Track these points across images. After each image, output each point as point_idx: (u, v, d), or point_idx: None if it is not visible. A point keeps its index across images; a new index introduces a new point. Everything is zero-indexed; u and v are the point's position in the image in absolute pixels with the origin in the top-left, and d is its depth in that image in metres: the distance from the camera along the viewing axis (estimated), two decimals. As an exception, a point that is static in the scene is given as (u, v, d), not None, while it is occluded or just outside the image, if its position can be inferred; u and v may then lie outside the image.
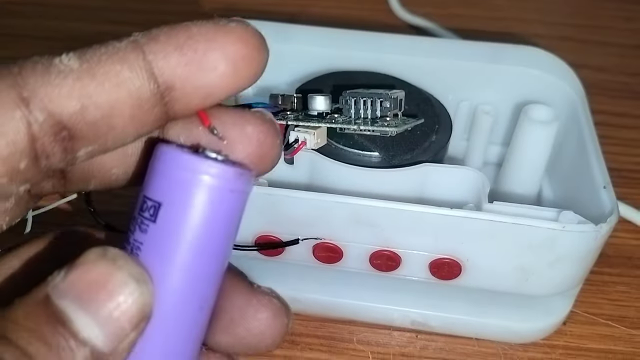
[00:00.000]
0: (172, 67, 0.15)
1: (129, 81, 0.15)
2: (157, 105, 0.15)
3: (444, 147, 0.30)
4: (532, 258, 0.26)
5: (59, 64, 0.15)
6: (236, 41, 0.15)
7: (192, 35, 0.15)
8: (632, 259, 0.34)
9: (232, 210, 0.16)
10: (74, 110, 0.14)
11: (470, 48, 0.34)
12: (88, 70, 0.15)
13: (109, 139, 0.15)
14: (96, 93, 0.15)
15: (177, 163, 0.16)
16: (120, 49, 0.15)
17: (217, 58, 0.15)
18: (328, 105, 0.28)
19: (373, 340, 0.30)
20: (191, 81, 0.15)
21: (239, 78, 0.16)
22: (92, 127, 0.15)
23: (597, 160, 0.28)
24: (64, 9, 0.52)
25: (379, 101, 0.27)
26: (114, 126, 0.15)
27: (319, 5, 0.54)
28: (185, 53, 0.15)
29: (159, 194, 0.16)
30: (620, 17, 0.54)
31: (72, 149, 0.15)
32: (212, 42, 0.15)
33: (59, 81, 0.14)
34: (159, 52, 0.15)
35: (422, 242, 0.26)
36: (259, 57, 0.16)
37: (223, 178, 0.16)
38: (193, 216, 0.15)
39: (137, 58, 0.15)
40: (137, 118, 0.15)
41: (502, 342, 0.30)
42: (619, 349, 0.30)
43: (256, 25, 0.37)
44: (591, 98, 0.33)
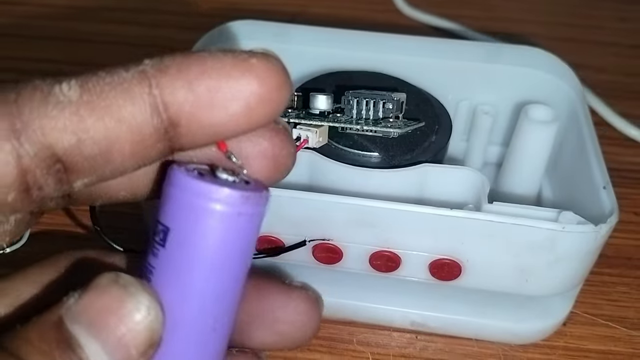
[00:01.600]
0: (180, 104, 0.14)
1: (131, 117, 0.14)
2: (160, 141, 0.15)
3: (443, 148, 0.29)
4: (531, 259, 0.26)
5: (59, 93, 0.14)
6: (253, 81, 0.14)
7: (205, 70, 0.14)
8: (632, 259, 0.34)
9: (242, 233, 0.16)
10: (69, 145, 0.14)
11: (469, 48, 0.34)
12: (88, 103, 0.14)
13: (106, 172, 0.15)
14: (94, 128, 0.14)
15: (185, 187, 0.15)
16: (126, 80, 0.14)
17: (229, 98, 0.14)
18: (330, 104, 0.28)
19: (373, 341, 0.30)
20: (199, 120, 0.14)
21: (252, 119, 0.15)
22: (88, 162, 0.14)
23: (596, 160, 0.28)
24: (62, 9, 0.52)
25: (381, 102, 0.27)
26: (112, 161, 0.14)
27: (319, 5, 0.54)
28: (195, 90, 0.14)
29: (168, 218, 0.16)
30: (618, 17, 0.54)
31: (67, 180, 0.14)
32: (227, 79, 0.14)
33: (56, 113, 0.14)
34: (167, 86, 0.14)
35: (422, 242, 0.26)
36: (278, 97, 0.15)
37: (231, 204, 0.15)
38: (201, 242, 0.15)
39: (142, 92, 0.14)
40: (137, 154, 0.15)
41: (502, 343, 0.30)
42: (619, 349, 0.30)
43: (256, 26, 0.38)
44: (591, 98, 0.33)
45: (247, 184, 0.16)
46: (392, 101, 0.27)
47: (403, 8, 0.53)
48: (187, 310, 0.16)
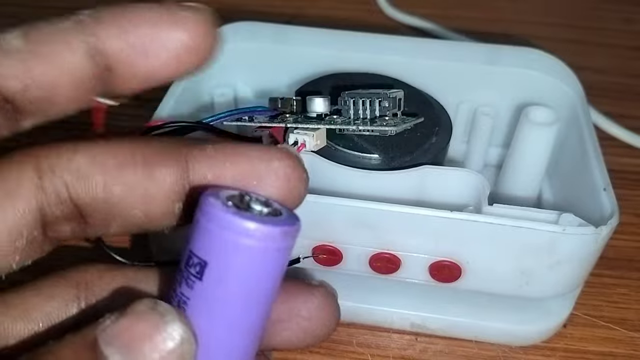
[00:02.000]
0: (113, 51, 0.15)
1: (71, 63, 0.15)
2: (97, 84, 0.16)
3: (443, 149, 0.29)
4: (532, 261, 0.26)
5: (3, 42, 0.15)
6: (181, 31, 0.15)
7: (138, 20, 0.15)
8: (632, 261, 0.34)
9: (277, 266, 0.16)
10: (16, 89, 0.15)
11: (470, 50, 0.34)
12: (31, 50, 0.15)
13: (51, 112, 0.16)
14: (38, 74, 0.15)
15: (220, 222, 0.15)
16: (64, 29, 0.15)
17: (158, 47, 0.15)
18: (327, 107, 0.28)
19: (373, 343, 0.30)
20: (130, 66, 0.16)
21: (181, 66, 0.16)
22: (34, 103, 0.15)
23: (597, 162, 0.28)
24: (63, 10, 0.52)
25: (377, 101, 0.27)
26: (55, 102, 0.16)
27: (318, 6, 0.54)
28: (127, 39, 0.15)
29: (204, 252, 0.16)
30: (620, 19, 0.54)
31: (14, 117, 0.15)
32: (158, 30, 0.15)
33: (3, 60, 0.15)
34: (101, 34, 0.15)
35: (421, 244, 0.26)
36: (205, 46, 0.16)
37: (269, 240, 0.15)
38: (239, 278, 0.15)
39: (79, 39, 0.15)
40: (77, 95, 0.16)
41: (502, 345, 0.30)
42: (620, 351, 0.30)
43: (255, 27, 0.38)
44: (591, 100, 0.33)
45: (280, 214, 0.16)
46: (388, 99, 0.27)
47: (395, 10, 0.53)
48: (220, 342, 0.16)
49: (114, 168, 0.16)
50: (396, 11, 0.53)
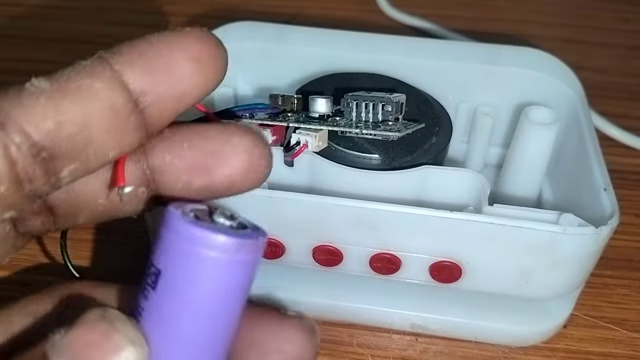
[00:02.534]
0: (140, 74, 0.15)
1: (101, 92, 0.15)
2: (132, 114, 0.15)
3: (444, 149, 0.29)
4: (532, 261, 0.26)
5: (30, 87, 0.15)
6: (195, 41, 0.16)
7: (152, 43, 0.16)
8: (632, 261, 0.34)
9: (236, 281, 0.16)
10: (49, 129, 0.14)
11: (470, 49, 0.34)
12: (59, 88, 0.15)
13: (90, 154, 0.15)
14: (69, 108, 0.15)
15: (179, 232, 0.15)
16: (87, 65, 0.15)
17: (181, 58, 0.16)
18: (329, 108, 0.28)
19: (373, 344, 0.30)
20: (161, 84, 0.16)
21: (206, 76, 0.16)
22: (70, 144, 0.15)
23: (597, 162, 0.28)
24: (63, 10, 0.52)
25: (380, 105, 0.27)
26: (93, 139, 0.15)
27: (318, 6, 0.54)
28: (150, 59, 0.16)
29: (160, 260, 0.15)
30: (619, 19, 0.54)
31: (54, 170, 0.15)
32: (174, 45, 0.16)
33: (32, 102, 0.14)
34: (125, 62, 0.16)
35: (422, 245, 0.26)
36: (219, 54, 0.17)
37: (226, 251, 0.15)
38: (193, 289, 0.15)
39: (104, 70, 0.15)
40: (114, 128, 0.15)
41: (502, 345, 0.30)
42: (620, 352, 0.30)
43: (256, 27, 0.38)
44: (591, 99, 0.33)
45: (244, 228, 0.16)
46: (392, 103, 0.27)
47: (395, 10, 0.53)
48: (176, 354, 0.16)
49: None
50: (396, 11, 0.53)
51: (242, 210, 0.26)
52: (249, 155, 0.17)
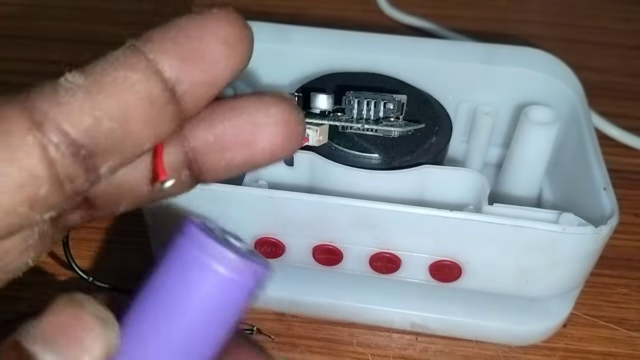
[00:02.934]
0: (175, 61, 0.15)
1: (137, 83, 0.15)
2: (169, 103, 0.15)
3: (444, 149, 0.29)
4: (532, 260, 0.26)
5: (65, 82, 0.14)
6: (225, 23, 0.16)
7: (182, 28, 0.16)
8: (632, 261, 0.34)
9: (231, 299, 0.16)
10: (88, 125, 0.14)
11: (470, 49, 0.34)
12: (94, 83, 0.14)
13: (128, 148, 0.15)
14: (107, 103, 0.14)
15: (193, 240, 0.15)
16: (121, 56, 0.15)
17: (211, 41, 0.16)
18: (330, 104, 0.28)
19: (373, 343, 0.30)
20: (195, 70, 0.15)
21: (236, 57, 0.16)
22: (109, 139, 0.15)
23: (597, 161, 0.28)
24: (63, 9, 0.52)
25: (382, 102, 0.27)
26: (131, 132, 0.15)
27: (318, 6, 0.54)
28: (182, 45, 0.15)
29: (163, 263, 0.16)
30: (620, 18, 0.54)
31: (94, 166, 0.15)
32: (204, 29, 0.16)
33: (68, 99, 0.14)
34: (157, 49, 0.15)
35: (422, 244, 0.26)
36: (247, 34, 0.17)
37: (229, 267, 0.15)
38: (184, 293, 0.15)
39: (139, 60, 0.15)
40: (152, 120, 0.15)
41: (502, 345, 0.30)
42: (619, 351, 0.30)
43: (256, 27, 0.38)
44: (591, 99, 0.33)
45: (253, 255, 0.16)
46: (394, 102, 0.27)
47: (394, 9, 0.53)
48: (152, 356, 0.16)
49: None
50: (396, 11, 0.53)
51: (242, 210, 0.26)
52: (286, 122, 0.17)
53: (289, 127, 0.17)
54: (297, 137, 0.17)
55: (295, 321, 0.31)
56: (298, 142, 0.17)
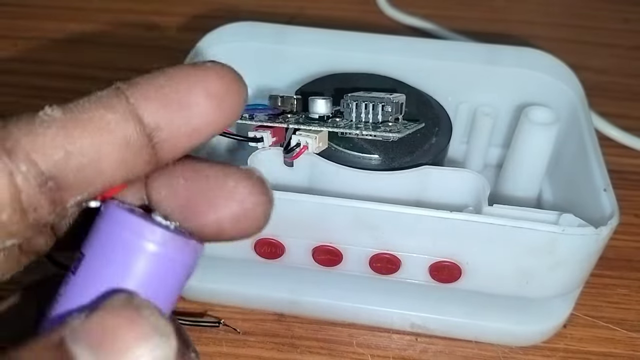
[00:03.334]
0: (156, 108, 0.15)
1: (114, 123, 0.15)
2: (145, 147, 0.15)
3: (444, 150, 0.29)
4: (532, 261, 0.26)
5: (43, 115, 0.14)
6: (215, 77, 0.16)
7: (171, 76, 0.15)
8: (632, 261, 0.34)
9: (161, 276, 0.15)
10: (58, 158, 0.14)
11: (470, 50, 0.34)
12: (72, 118, 0.14)
13: (97, 185, 0.15)
14: (81, 138, 0.14)
15: (111, 217, 0.15)
16: (103, 96, 0.15)
17: (198, 94, 0.15)
18: (329, 109, 0.28)
19: (373, 343, 0.30)
20: (176, 120, 0.15)
21: (222, 112, 0.16)
22: (79, 175, 0.15)
23: (597, 162, 0.28)
24: (63, 10, 0.52)
25: (380, 105, 0.27)
26: (102, 171, 0.15)
27: (318, 6, 0.54)
28: (167, 93, 0.15)
29: (87, 246, 0.15)
30: (619, 19, 0.54)
31: (60, 200, 0.15)
32: (192, 80, 0.15)
33: (42, 130, 0.14)
34: (141, 95, 0.15)
35: (422, 245, 0.26)
36: (238, 90, 0.16)
37: (159, 243, 0.15)
38: (114, 271, 0.15)
39: (120, 102, 0.15)
40: (125, 162, 0.15)
41: (502, 345, 0.30)
42: (619, 352, 0.30)
43: (256, 27, 0.38)
44: (591, 100, 0.33)
45: (181, 232, 0.16)
46: (391, 104, 0.27)
47: (394, 9, 0.53)
48: None
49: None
50: (396, 11, 0.53)
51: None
52: (241, 202, 0.16)
53: (244, 207, 0.16)
54: (254, 219, 0.16)
55: (295, 322, 0.31)
56: (256, 224, 0.16)
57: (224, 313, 0.31)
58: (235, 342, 0.30)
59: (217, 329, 0.30)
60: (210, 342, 0.30)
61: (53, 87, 0.44)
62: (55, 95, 0.43)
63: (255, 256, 0.28)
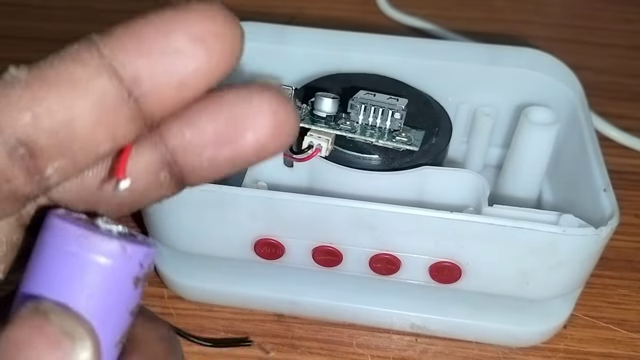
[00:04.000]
0: (133, 58, 0.13)
1: (84, 80, 0.13)
2: (124, 104, 0.14)
3: (443, 150, 0.29)
4: (532, 261, 0.26)
5: (7, 75, 0.13)
6: (199, 18, 0.14)
7: (150, 21, 0.14)
8: (632, 262, 0.34)
9: (109, 288, 0.14)
10: (26, 122, 0.13)
11: (470, 50, 0.34)
12: (37, 77, 0.13)
13: (77, 150, 0.14)
14: (47, 98, 0.13)
15: (49, 228, 0.14)
16: (73, 50, 0.13)
17: (179, 38, 0.14)
18: (335, 108, 0.27)
19: (373, 344, 0.30)
20: (157, 69, 0.14)
21: (212, 59, 0.14)
22: (51, 139, 0.13)
23: (597, 162, 0.28)
24: (61, 10, 0.52)
25: (390, 111, 0.27)
26: (78, 133, 0.13)
27: (318, 6, 0.54)
28: (144, 40, 0.13)
29: (31, 259, 0.14)
30: (620, 19, 0.54)
31: (36, 168, 0.13)
32: (173, 23, 0.14)
33: (6, 92, 0.13)
34: (117, 44, 0.13)
35: (422, 245, 0.26)
36: (230, 32, 0.14)
37: (103, 253, 0.14)
38: (59, 284, 0.14)
39: (91, 55, 0.13)
40: (103, 121, 0.14)
41: (502, 346, 0.30)
42: (620, 352, 0.30)
43: (256, 27, 0.37)
44: (591, 100, 0.33)
45: (131, 236, 0.15)
46: (401, 111, 0.27)
47: (394, 9, 0.53)
48: None
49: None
50: (396, 11, 0.53)
51: (242, 211, 0.26)
52: (274, 113, 0.15)
53: (277, 117, 0.15)
54: (287, 130, 0.15)
55: (295, 322, 0.31)
56: (289, 134, 0.15)
57: (224, 313, 0.31)
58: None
59: (216, 331, 0.30)
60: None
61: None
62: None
63: (255, 257, 0.28)
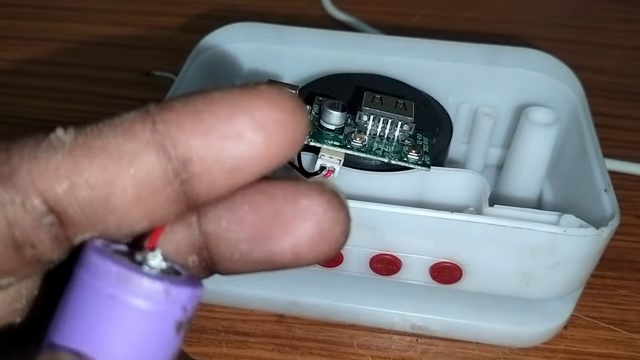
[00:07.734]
0: (188, 137, 0.13)
1: (131, 154, 0.12)
2: (170, 184, 0.13)
3: (444, 150, 0.29)
4: (533, 262, 0.26)
5: (53, 138, 0.12)
6: (265, 104, 0.13)
7: (211, 100, 0.13)
8: (633, 262, 0.34)
9: (150, 335, 0.13)
10: (61, 191, 0.12)
11: (470, 50, 0.34)
12: (82, 145, 0.12)
13: (110, 225, 0.13)
14: (89, 169, 0.12)
15: (91, 268, 0.13)
16: (126, 120, 0.13)
17: (242, 123, 0.13)
18: (343, 120, 0.27)
19: (373, 344, 0.30)
20: (212, 153, 0.13)
21: (272, 147, 0.13)
22: (86, 211, 0.12)
23: (598, 163, 0.28)
24: (63, 11, 0.52)
25: (399, 123, 0.27)
26: (115, 209, 0.13)
27: (318, 7, 0.53)
28: (204, 119, 0.13)
29: (64, 292, 0.13)
30: (620, 19, 0.54)
31: (64, 236, 0.13)
32: (237, 106, 0.13)
33: (47, 156, 0.12)
34: (173, 121, 0.13)
35: (422, 246, 0.26)
36: (294, 121, 0.13)
37: (145, 297, 0.12)
38: (96, 327, 0.12)
39: (144, 128, 0.12)
40: (144, 200, 0.13)
41: (502, 346, 0.30)
42: (620, 353, 0.30)
43: (256, 27, 0.37)
44: (591, 100, 0.33)
45: (177, 274, 0.13)
46: (410, 123, 0.27)
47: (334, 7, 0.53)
48: None
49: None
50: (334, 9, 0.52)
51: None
52: (318, 221, 0.14)
53: (322, 227, 0.14)
54: (332, 239, 0.14)
55: (295, 323, 0.31)
56: (335, 244, 0.14)
57: (224, 314, 0.31)
58: (235, 343, 0.30)
59: (217, 331, 0.30)
60: (210, 343, 0.30)
61: (51, 87, 0.44)
62: (41, 94, 0.43)
63: None
